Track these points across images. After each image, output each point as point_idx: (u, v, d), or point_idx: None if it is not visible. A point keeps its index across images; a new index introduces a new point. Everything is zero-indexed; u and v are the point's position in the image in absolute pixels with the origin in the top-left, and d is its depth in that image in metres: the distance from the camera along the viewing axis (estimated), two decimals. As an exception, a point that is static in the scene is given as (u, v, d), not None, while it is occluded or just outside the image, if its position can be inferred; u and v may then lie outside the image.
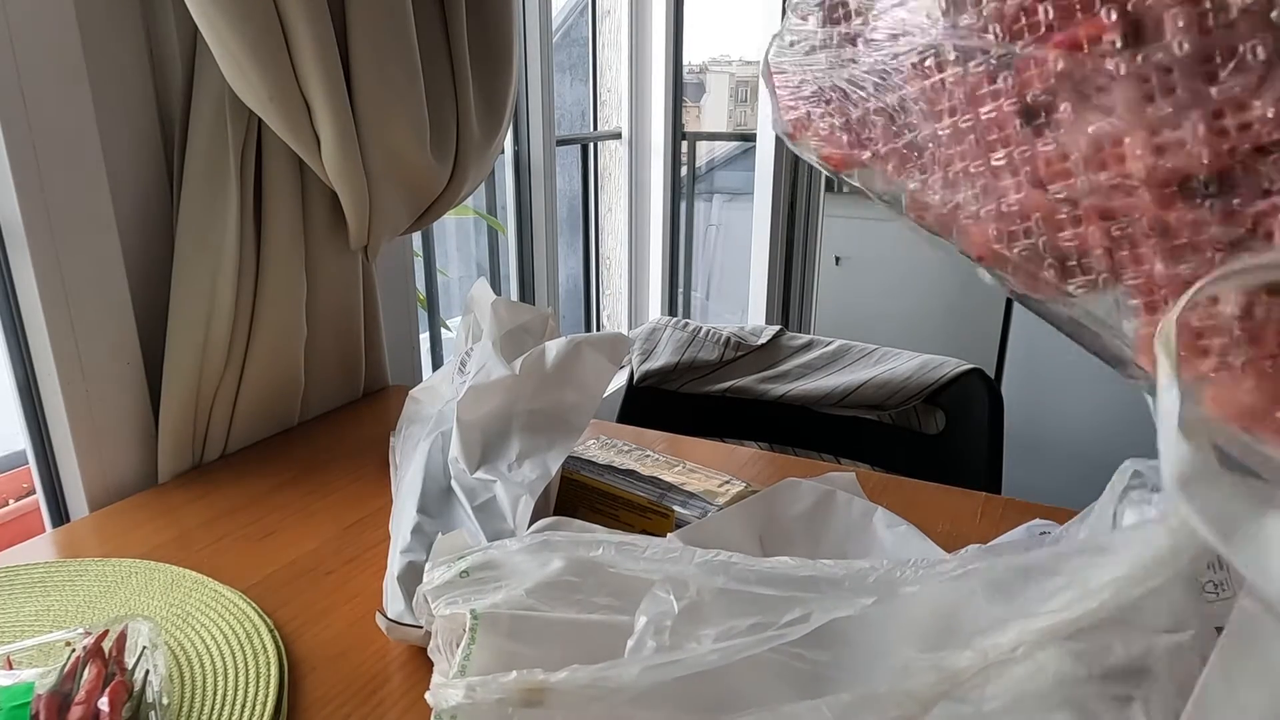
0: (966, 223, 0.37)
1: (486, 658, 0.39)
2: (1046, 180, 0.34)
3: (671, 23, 1.81)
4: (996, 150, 0.35)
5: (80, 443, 0.72)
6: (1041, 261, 0.36)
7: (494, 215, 1.65)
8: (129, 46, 0.72)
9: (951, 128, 0.36)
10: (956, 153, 0.37)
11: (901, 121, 0.38)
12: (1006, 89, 0.33)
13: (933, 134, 0.37)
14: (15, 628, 0.54)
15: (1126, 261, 0.33)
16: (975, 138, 0.35)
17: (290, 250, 0.80)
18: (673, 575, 0.37)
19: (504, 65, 0.92)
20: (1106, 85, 0.31)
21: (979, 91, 0.34)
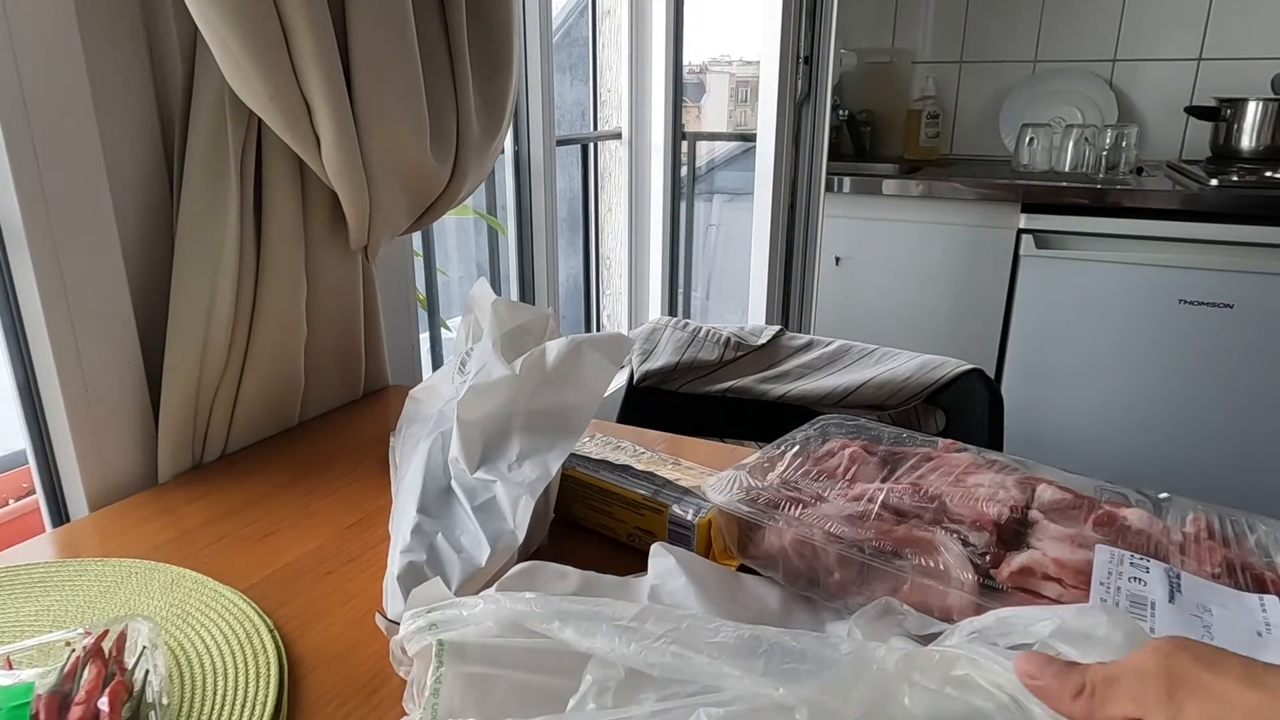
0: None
1: (456, 687, 0.41)
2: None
3: (671, 23, 1.81)
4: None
5: (80, 443, 0.72)
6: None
7: (494, 215, 1.65)
8: (129, 46, 0.72)
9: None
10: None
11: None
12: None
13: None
14: (15, 628, 0.54)
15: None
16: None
17: (290, 250, 0.80)
18: (622, 653, 0.40)
19: (504, 65, 0.92)
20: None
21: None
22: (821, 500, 0.56)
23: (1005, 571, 0.50)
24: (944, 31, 2.55)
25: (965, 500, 0.55)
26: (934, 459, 0.62)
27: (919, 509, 0.55)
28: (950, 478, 0.59)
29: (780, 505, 0.56)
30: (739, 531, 0.58)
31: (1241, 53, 2.24)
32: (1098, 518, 0.54)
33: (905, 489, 0.57)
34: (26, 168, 0.65)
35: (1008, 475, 0.59)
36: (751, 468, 0.60)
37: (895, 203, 2.16)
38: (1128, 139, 2.14)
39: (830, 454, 0.63)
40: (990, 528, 0.53)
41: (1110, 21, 2.35)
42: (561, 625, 0.41)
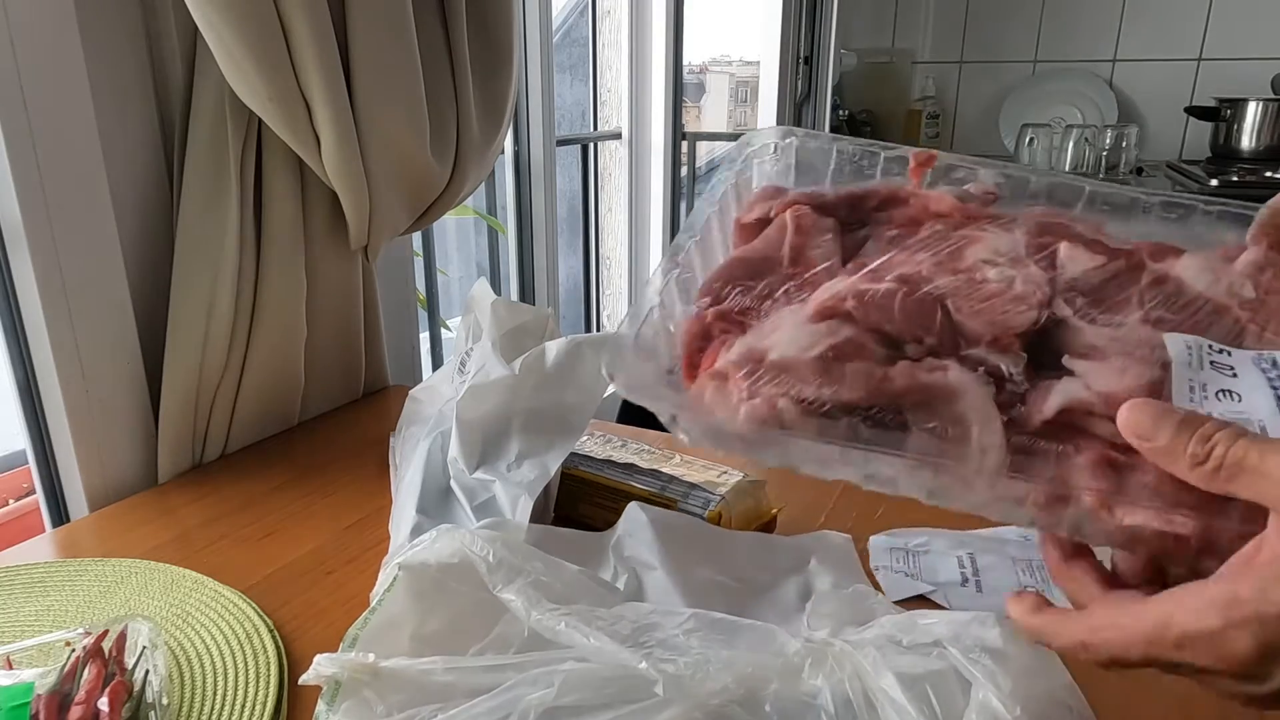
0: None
1: (403, 600, 0.46)
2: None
3: (671, 23, 1.81)
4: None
5: (80, 443, 0.72)
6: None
7: (494, 215, 1.65)
8: (129, 46, 0.72)
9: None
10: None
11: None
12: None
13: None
14: (15, 628, 0.54)
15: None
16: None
17: (290, 250, 0.80)
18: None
19: (504, 65, 0.92)
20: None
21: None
22: (765, 310, 0.40)
23: (1036, 417, 0.35)
24: (944, 32, 2.55)
25: (976, 299, 0.39)
26: (904, 203, 0.45)
27: (914, 323, 0.38)
28: (941, 247, 0.43)
29: (709, 343, 0.39)
30: (671, 403, 0.38)
31: (1241, 53, 2.24)
32: (1144, 290, 0.40)
33: (892, 288, 0.39)
34: (26, 168, 0.65)
35: (1014, 231, 0.43)
36: (666, 267, 0.42)
37: (895, 203, 2.16)
38: (1128, 139, 2.14)
39: (762, 219, 0.45)
40: (1016, 345, 0.37)
41: (1110, 21, 2.35)
42: (492, 572, 0.45)
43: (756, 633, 0.43)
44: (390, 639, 0.45)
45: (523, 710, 0.38)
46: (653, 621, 0.43)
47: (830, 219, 0.44)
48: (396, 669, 0.41)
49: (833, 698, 0.40)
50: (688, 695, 0.39)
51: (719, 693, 0.39)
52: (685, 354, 0.39)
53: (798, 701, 0.40)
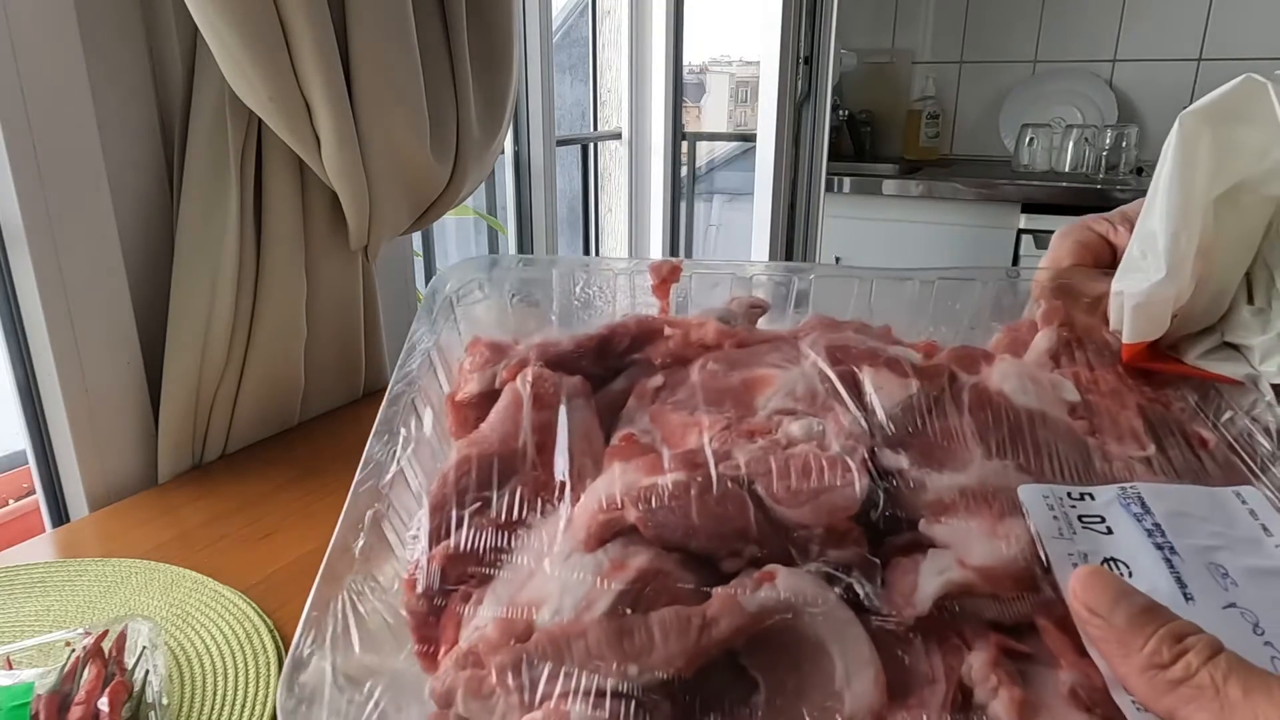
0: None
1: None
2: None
3: (671, 23, 1.81)
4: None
5: (80, 443, 0.72)
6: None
7: (494, 215, 1.65)
8: (129, 46, 0.72)
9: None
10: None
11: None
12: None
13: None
14: (15, 628, 0.54)
15: None
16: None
17: (290, 250, 0.80)
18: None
19: (504, 65, 0.92)
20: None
21: None
22: (515, 553, 0.29)
23: (911, 610, 0.27)
24: (944, 31, 2.55)
25: (787, 478, 0.29)
26: (662, 339, 0.36)
27: (726, 528, 0.28)
28: (730, 408, 0.33)
29: (444, 632, 0.28)
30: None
31: (1241, 53, 2.24)
32: (973, 412, 0.33)
33: (682, 484, 0.29)
34: (26, 168, 0.65)
35: (803, 361, 0.35)
36: (362, 508, 0.32)
37: (895, 203, 2.16)
38: (1128, 139, 2.14)
39: (485, 392, 0.34)
40: (854, 532, 0.29)
41: (1110, 21, 2.35)
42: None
43: None
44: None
45: None
46: None
47: (575, 378, 0.34)
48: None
49: None
50: None
51: None
52: (415, 634, 0.28)
53: None
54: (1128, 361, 0.36)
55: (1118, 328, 0.37)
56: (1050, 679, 0.26)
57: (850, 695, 0.25)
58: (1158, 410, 0.34)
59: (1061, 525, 0.29)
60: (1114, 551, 0.28)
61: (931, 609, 0.27)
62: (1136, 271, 0.35)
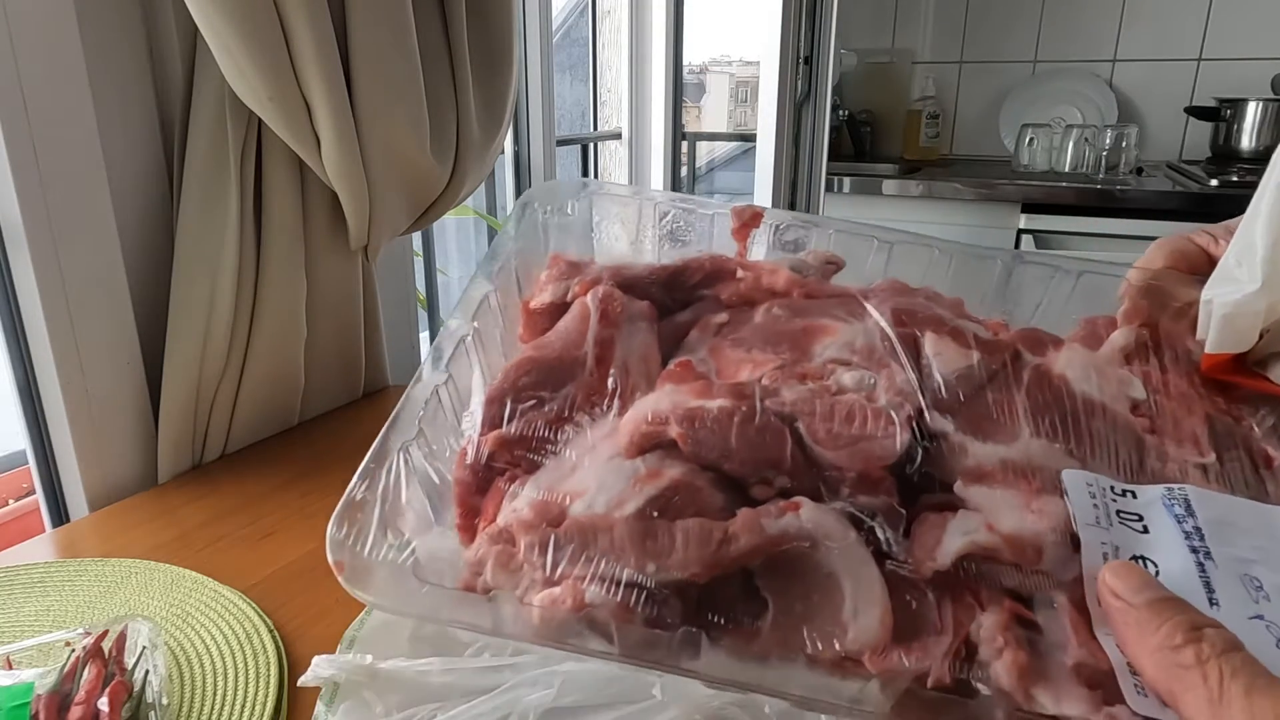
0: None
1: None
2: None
3: (671, 23, 1.81)
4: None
5: (80, 443, 0.72)
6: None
7: (494, 215, 1.65)
8: (129, 46, 0.72)
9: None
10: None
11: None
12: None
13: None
14: (15, 628, 0.54)
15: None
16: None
17: (290, 250, 0.80)
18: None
19: (504, 65, 0.92)
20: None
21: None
22: (568, 439, 0.31)
23: (926, 565, 0.28)
24: (944, 31, 2.55)
25: (833, 425, 0.30)
26: (733, 280, 0.37)
27: (760, 456, 0.29)
28: (781, 339, 0.34)
29: (488, 504, 0.30)
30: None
31: (1241, 53, 2.24)
32: (1030, 390, 0.34)
33: (726, 406, 0.30)
34: (26, 168, 0.65)
35: (871, 309, 0.35)
36: (428, 409, 0.33)
37: (895, 203, 2.16)
38: (1128, 139, 2.14)
39: (556, 303, 0.35)
40: (885, 480, 0.30)
41: (1110, 21, 2.35)
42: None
43: None
44: (388, 639, 0.45)
45: (523, 710, 0.38)
46: None
47: (643, 302, 0.35)
48: (394, 670, 0.41)
49: None
50: (686, 697, 0.39)
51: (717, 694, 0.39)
52: (458, 502, 0.30)
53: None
54: (1207, 371, 0.35)
55: (1203, 336, 0.35)
56: (1056, 653, 0.26)
57: (854, 628, 0.26)
58: (1226, 422, 0.33)
59: (1100, 514, 0.29)
60: (1146, 550, 0.28)
61: (951, 566, 0.28)
62: (1230, 281, 0.34)
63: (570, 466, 0.29)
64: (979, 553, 0.28)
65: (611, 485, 0.28)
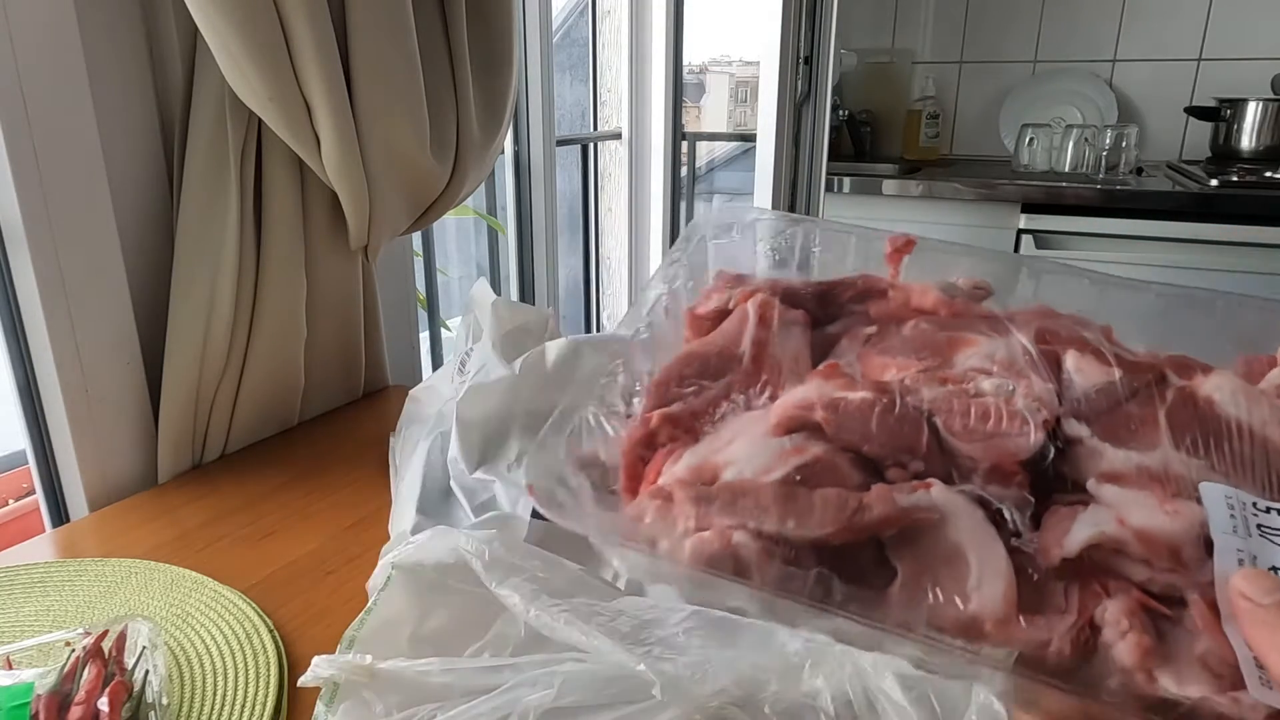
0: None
1: (398, 601, 0.43)
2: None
3: (671, 23, 1.81)
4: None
5: (80, 443, 0.72)
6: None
7: (494, 215, 1.65)
8: (129, 46, 0.72)
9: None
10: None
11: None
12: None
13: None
14: (15, 628, 0.54)
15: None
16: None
17: (290, 250, 0.80)
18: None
19: (504, 66, 0.92)
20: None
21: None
22: (722, 419, 0.34)
23: (1055, 552, 0.30)
24: (944, 31, 2.55)
25: (969, 420, 0.33)
26: (884, 298, 0.41)
27: (897, 443, 0.32)
28: (924, 348, 0.37)
29: (653, 455, 0.34)
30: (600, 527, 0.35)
31: (1241, 53, 2.24)
32: (1171, 409, 0.34)
33: (868, 398, 0.33)
34: (26, 168, 0.65)
35: (1014, 330, 0.37)
36: (604, 380, 0.37)
37: (895, 203, 2.16)
38: (1128, 139, 2.14)
39: (719, 310, 0.39)
40: (1019, 474, 0.31)
41: (1110, 21, 2.35)
42: (488, 569, 0.42)
43: (756, 631, 0.43)
44: (388, 639, 0.45)
45: (522, 711, 0.38)
46: (653, 618, 0.43)
47: (798, 311, 0.39)
48: (394, 670, 0.41)
49: (833, 699, 0.40)
50: (686, 697, 0.38)
51: (717, 694, 0.39)
52: (625, 465, 0.34)
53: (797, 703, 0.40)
54: None
55: None
56: (1184, 643, 0.27)
57: (978, 597, 0.28)
58: None
59: (1238, 524, 0.29)
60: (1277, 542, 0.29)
61: (1078, 554, 0.29)
62: None
63: (724, 442, 0.33)
64: (1108, 544, 0.29)
65: (759, 457, 0.32)
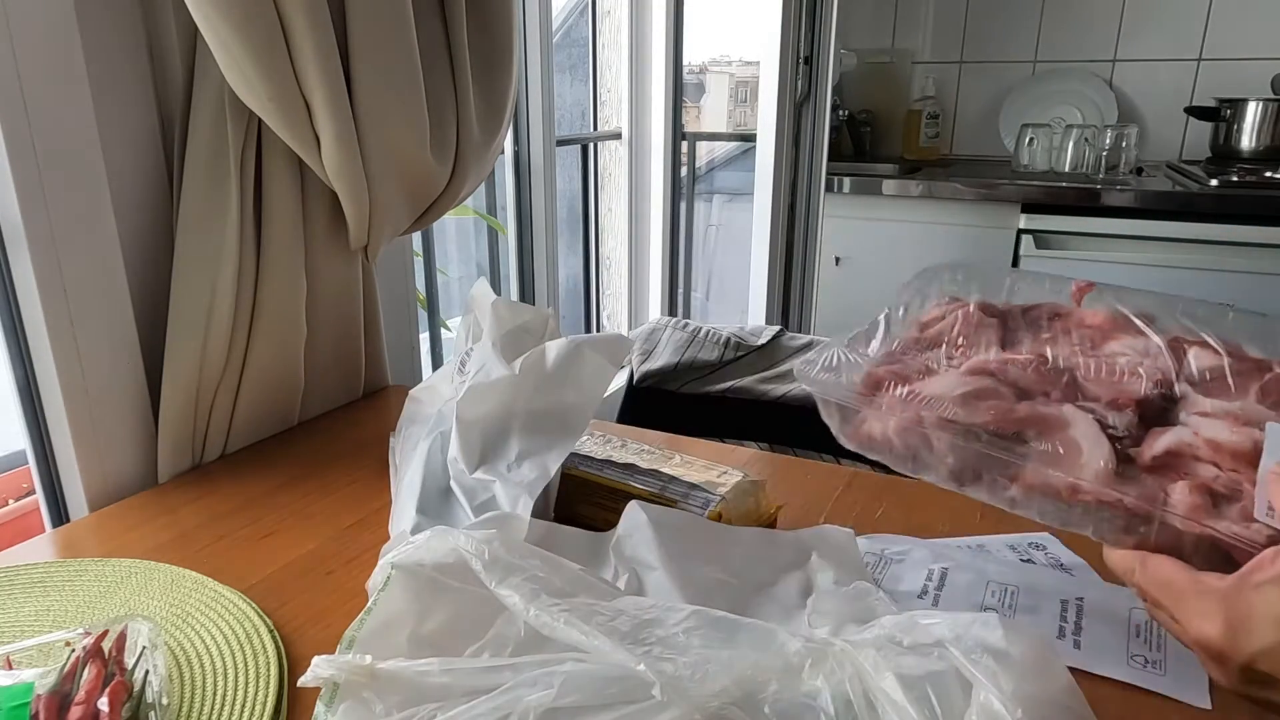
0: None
1: (398, 599, 0.45)
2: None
3: (671, 23, 1.81)
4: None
5: (80, 443, 0.72)
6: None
7: (494, 215, 1.65)
8: (129, 46, 0.72)
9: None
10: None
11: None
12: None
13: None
14: (15, 628, 0.54)
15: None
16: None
17: (290, 250, 0.80)
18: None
19: (504, 65, 0.92)
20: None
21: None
22: (930, 373, 0.50)
23: (1147, 454, 0.43)
24: (944, 32, 2.55)
25: (1102, 373, 0.47)
26: (1063, 316, 0.54)
27: (1046, 384, 0.48)
28: (1084, 343, 0.51)
29: (883, 384, 0.50)
30: (838, 416, 0.52)
31: (1241, 53, 2.24)
32: (1265, 385, 0.45)
33: (1029, 360, 0.49)
34: (26, 168, 0.65)
35: (1153, 336, 0.50)
36: (851, 338, 0.54)
37: (895, 203, 2.16)
38: (1128, 139, 2.14)
39: (937, 317, 0.55)
40: (1131, 406, 0.45)
41: (1110, 21, 2.35)
42: (488, 569, 0.44)
43: (757, 632, 0.43)
44: (388, 640, 0.45)
45: (522, 711, 0.38)
46: (653, 617, 0.43)
47: (995, 319, 0.54)
48: (393, 670, 0.41)
49: (832, 699, 0.40)
50: (686, 697, 0.38)
51: (718, 694, 0.39)
52: (862, 388, 0.50)
53: (797, 703, 0.40)
54: None
55: None
56: (1227, 507, 0.40)
57: (1087, 469, 0.43)
58: None
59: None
60: None
61: (1164, 454, 0.43)
62: None
63: (931, 381, 0.49)
64: (1185, 450, 0.43)
65: (950, 384, 0.48)
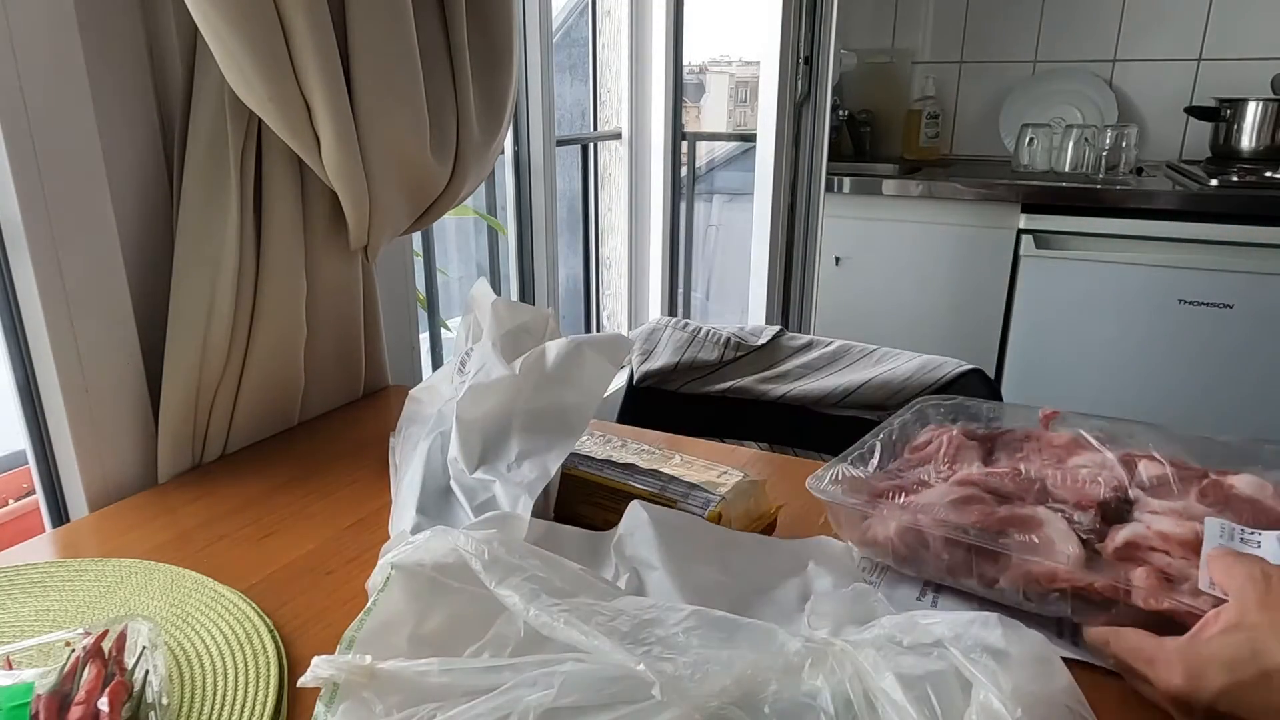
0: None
1: (398, 598, 0.46)
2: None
3: (671, 23, 1.81)
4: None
5: (80, 443, 0.72)
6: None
7: (494, 215, 1.65)
8: (129, 46, 0.72)
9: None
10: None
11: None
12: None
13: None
14: (15, 628, 0.54)
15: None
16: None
17: (290, 250, 0.80)
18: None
19: (504, 65, 0.92)
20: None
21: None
22: (924, 486, 0.60)
23: (1110, 546, 0.52)
24: (944, 31, 2.55)
25: (1067, 481, 0.58)
26: (1033, 439, 0.65)
27: (1021, 492, 0.58)
28: (1051, 459, 0.62)
29: (885, 494, 0.59)
30: (846, 522, 0.61)
31: (1241, 53, 2.24)
32: (1204, 489, 0.56)
33: (1007, 472, 0.60)
34: (26, 168, 0.65)
35: (1109, 451, 0.61)
36: (852, 458, 0.64)
37: (895, 203, 2.16)
38: (1128, 139, 2.14)
39: (929, 440, 0.66)
40: (1093, 507, 0.55)
41: (1110, 21, 2.35)
42: (487, 569, 0.45)
43: (756, 632, 0.43)
44: (387, 640, 0.45)
45: (522, 711, 0.38)
46: (652, 617, 0.43)
47: (975, 443, 0.66)
48: (393, 670, 0.41)
49: (832, 698, 0.40)
50: (686, 697, 0.38)
51: (718, 694, 0.39)
52: (867, 498, 0.59)
53: (797, 703, 0.40)
54: None
55: None
56: (1184, 588, 0.48)
57: (1059, 554, 0.52)
58: None
59: (1225, 538, 0.50)
60: (1253, 547, 0.49)
61: (1123, 545, 0.52)
62: None
63: (925, 493, 0.59)
64: (1139, 540, 0.52)
65: (940, 494, 0.58)
